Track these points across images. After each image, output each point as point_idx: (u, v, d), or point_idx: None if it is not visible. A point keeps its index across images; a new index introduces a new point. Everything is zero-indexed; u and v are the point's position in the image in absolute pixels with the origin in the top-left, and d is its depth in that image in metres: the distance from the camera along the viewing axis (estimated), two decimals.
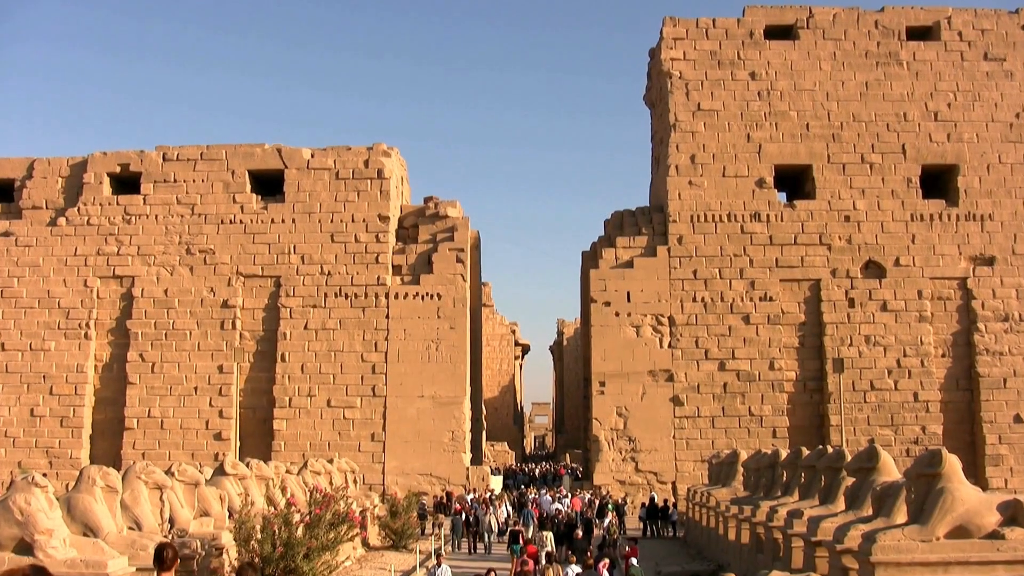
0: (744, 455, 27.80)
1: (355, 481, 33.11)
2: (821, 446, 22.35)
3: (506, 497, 38.56)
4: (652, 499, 35.37)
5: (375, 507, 30.44)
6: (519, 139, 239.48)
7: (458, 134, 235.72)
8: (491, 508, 32.12)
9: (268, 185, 43.38)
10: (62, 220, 42.43)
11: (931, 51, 42.41)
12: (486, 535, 30.15)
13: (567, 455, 74.32)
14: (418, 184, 67.51)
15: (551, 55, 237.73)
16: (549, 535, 24.59)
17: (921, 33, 43.01)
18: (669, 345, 40.74)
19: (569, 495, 39.04)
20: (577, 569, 20.32)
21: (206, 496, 17.79)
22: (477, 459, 45.30)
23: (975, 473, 38.22)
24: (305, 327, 41.17)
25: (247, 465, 21.44)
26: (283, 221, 42.09)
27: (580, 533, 26.83)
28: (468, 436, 41.74)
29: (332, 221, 42.03)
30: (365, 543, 27.99)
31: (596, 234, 45.16)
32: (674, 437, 40.12)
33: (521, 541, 24.90)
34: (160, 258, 42.05)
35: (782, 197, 42.94)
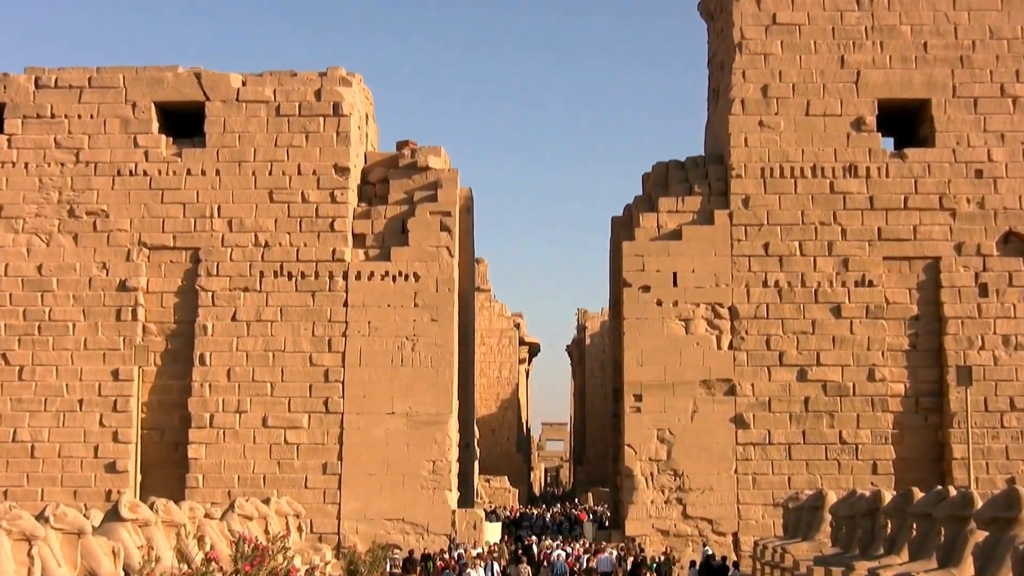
0: (832, 497, 27.74)
1: (300, 529, 33.02)
2: (940, 487, 22.20)
3: (502, 551, 38.46)
4: (706, 556, 35.21)
5: (327, 564, 30.40)
6: (525, 73, 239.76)
7: (444, 67, 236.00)
8: (477, 569, 32.08)
9: (183, 123, 43.17)
10: None
11: None
12: None
13: (589, 494, 74.50)
14: (389, 126, 67.60)
15: None
16: None
17: None
18: (730, 345, 40.58)
19: (586, 545, 38.94)
20: None
21: (93, 550, 17.64)
22: (467, 499, 45.28)
23: None
24: (233, 318, 41.08)
25: (151, 507, 21.29)
26: (203, 173, 41.90)
27: None
28: (455, 468, 41.68)
29: (271, 173, 41.86)
30: None
31: (631, 194, 44.83)
32: (736, 472, 40.02)
33: None
34: (32, 222, 41.86)
35: (888, 144, 42.73)
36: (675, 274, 41.00)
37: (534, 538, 44.93)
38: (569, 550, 39.42)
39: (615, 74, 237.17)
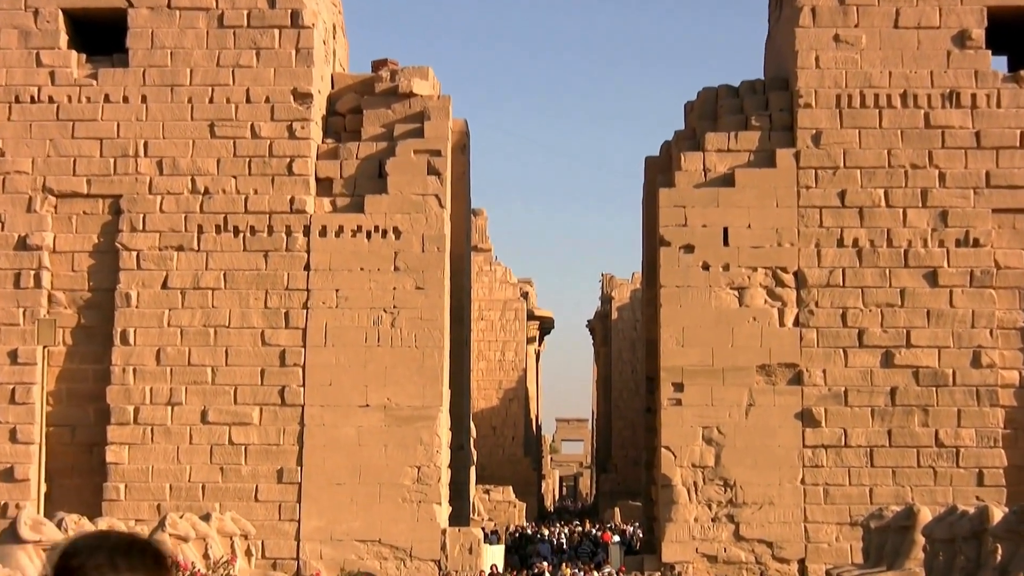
0: (927, 515, 27.77)
1: (249, 553, 33.07)
2: None
3: None
4: None
5: None
6: None
7: None
8: None
9: (100, 36, 42.98)
10: None
11: None
12: None
13: (616, 510, 74.43)
14: (363, 42, 67.33)
15: None
16: None
17: None
18: (796, 321, 40.60)
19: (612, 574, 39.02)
20: None
21: None
22: (461, 515, 45.35)
23: None
24: (164, 285, 41.06)
25: (58, 525, 21.29)
26: (125, 100, 41.80)
27: None
28: (446, 476, 41.74)
29: (212, 101, 41.78)
30: None
31: (670, 128, 44.73)
32: (803, 482, 40.06)
33: None
34: None
35: (1000, 64, 42.67)
36: (726, 230, 40.98)
37: (546, 565, 44.99)
38: None
39: None
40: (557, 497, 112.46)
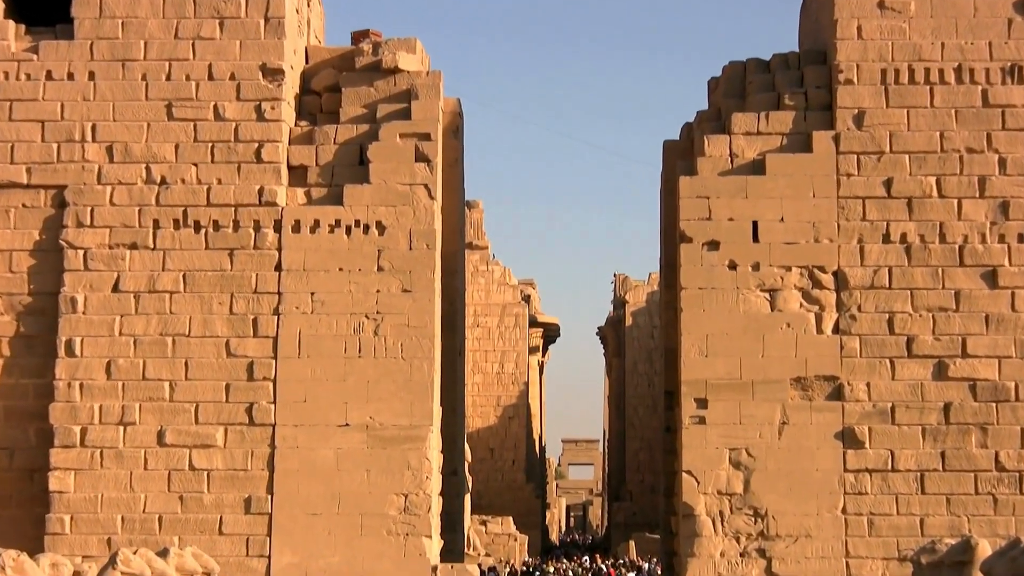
0: (986, 549, 27.77)
1: None
2: None
3: None
4: None
5: None
6: None
7: None
8: None
9: (41, 4, 42.95)
10: None
11: None
12: None
13: (630, 543, 74.79)
14: (341, 11, 67.33)
15: None
16: None
17: None
18: (836, 328, 40.50)
19: None
20: None
21: None
22: (454, 550, 45.17)
23: None
24: (115, 288, 40.96)
25: None
26: (71, 77, 41.76)
27: None
28: (436, 505, 41.61)
29: (169, 77, 41.71)
30: None
31: (692, 108, 44.89)
32: (844, 511, 39.94)
33: None
34: None
35: None
36: (755, 224, 40.90)
37: None
38: None
39: None
40: (564, 529, 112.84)
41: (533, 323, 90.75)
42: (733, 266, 40.75)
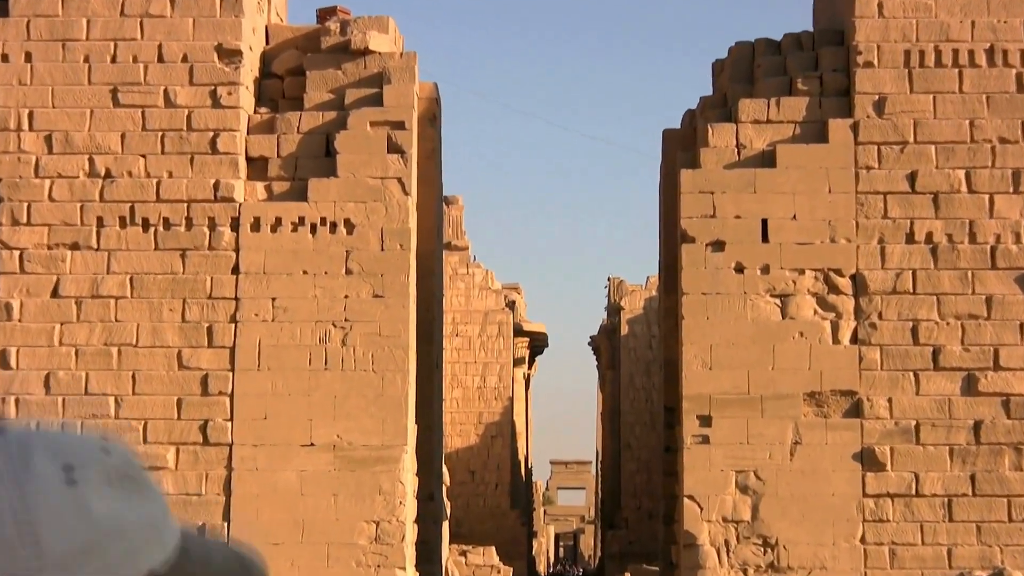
0: None
1: None
2: None
3: None
4: None
5: None
6: None
7: None
8: None
9: None
10: None
11: None
12: None
13: (626, 575, 74.95)
14: None
15: None
16: None
17: None
18: (854, 337, 39.12)
19: None
20: None
21: None
22: None
23: None
24: (55, 294, 39.63)
25: None
26: (5, 59, 40.54)
27: None
28: (412, 533, 40.11)
29: (115, 60, 40.62)
30: None
31: (695, 93, 43.66)
32: (863, 540, 38.56)
33: None
34: None
35: None
36: (765, 222, 39.73)
37: None
38: None
39: None
40: (552, 560, 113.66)
41: (519, 332, 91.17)
42: (740, 269, 39.52)
